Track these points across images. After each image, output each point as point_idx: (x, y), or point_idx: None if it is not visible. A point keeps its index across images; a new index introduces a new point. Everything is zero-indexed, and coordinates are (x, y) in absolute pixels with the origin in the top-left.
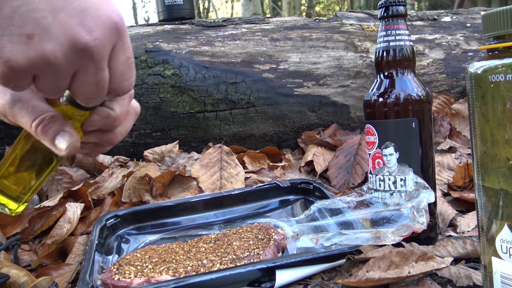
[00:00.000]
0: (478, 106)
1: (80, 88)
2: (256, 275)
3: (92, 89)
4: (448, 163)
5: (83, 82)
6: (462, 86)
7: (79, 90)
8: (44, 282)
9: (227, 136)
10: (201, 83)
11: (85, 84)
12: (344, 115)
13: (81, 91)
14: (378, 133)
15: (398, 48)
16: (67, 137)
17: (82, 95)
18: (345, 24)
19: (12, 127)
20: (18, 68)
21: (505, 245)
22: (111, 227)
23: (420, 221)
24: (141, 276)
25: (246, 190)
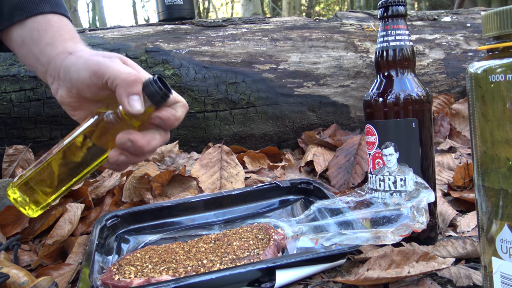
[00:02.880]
0: (478, 106)
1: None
2: (256, 275)
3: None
4: (448, 163)
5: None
6: (462, 86)
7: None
8: (44, 282)
9: (227, 136)
10: (201, 83)
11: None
12: (344, 115)
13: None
14: (378, 133)
15: (398, 48)
16: (137, 103)
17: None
18: (345, 24)
19: (12, 127)
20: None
21: (505, 245)
22: (111, 227)
23: (420, 221)
24: (141, 276)
25: (246, 190)
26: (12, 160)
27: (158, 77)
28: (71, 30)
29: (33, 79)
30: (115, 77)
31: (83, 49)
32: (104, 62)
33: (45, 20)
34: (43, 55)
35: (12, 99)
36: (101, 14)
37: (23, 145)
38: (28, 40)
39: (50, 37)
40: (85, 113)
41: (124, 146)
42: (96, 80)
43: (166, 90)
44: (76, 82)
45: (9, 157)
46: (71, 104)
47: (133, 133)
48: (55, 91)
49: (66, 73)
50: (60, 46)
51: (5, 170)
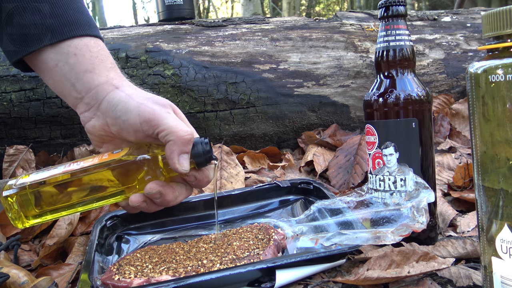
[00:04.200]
0: (478, 106)
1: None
2: (256, 275)
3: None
4: (448, 163)
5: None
6: (462, 86)
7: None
8: (44, 282)
9: (227, 136)
10: (201, 83)
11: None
12: (344, 115)
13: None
14: (378, 133)
15: (398, 48)
16: (186, 163)
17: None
18: (345, 24)
19: (12, 127)
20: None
21: (505, 245)
22: (111, 227)
23: (420, 221)
24: (141, 276)
25: (246, 190)
26: (12, 160)
27: (208, 141)
28: (110, 57)
29: (33, 79)
30: (171, 133)
31: (130, 86)
32: (159, 112)
33: (82, 44)
34: (80, 82)
35: (12, 99)
36: (101, 14)
37: (23, 145)
38: (63, 65)
39: (90, 63)
40: (113, 148)
41: (151, 196)
42: (147, 129)
43: (211, 155)
44: (121, 123)
45: (10, 157)
46: (102, 137)
47: (165, 186)
48: (86, 119)
49: (110, 109)
50: (103, 74)
51: (5, 170)
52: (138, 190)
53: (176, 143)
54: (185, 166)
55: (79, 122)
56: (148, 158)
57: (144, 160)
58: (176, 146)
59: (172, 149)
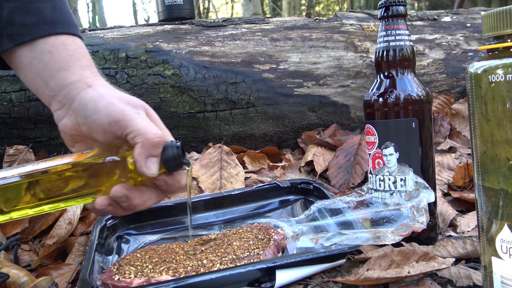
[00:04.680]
0: (478, 106)
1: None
2: (256, 275)
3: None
4: (448, 163)
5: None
6: (462, 86)
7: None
8: (44, 282)
9: (227, 136)
10: (201, 83)
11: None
12: (344, 115)
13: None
14: (378, 133)
15: (398, 48)
16: (155, 167)
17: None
18: (345, 24)
19: (12, 127)
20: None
21: (505, 245)
22: (111, 227)
23: (420, 221)
24: (141, 276)
25: (246, 190)
26: (12, 160)
27: (180, 145)
28: (87, 55)
29: None
30: (139, 134)
31: (104, 85)
32: (129, 113)
33: (58, 42)
34: (54, 80)
35: (12, 99)
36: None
37: (23, 145)
38: (37, 63)
39: (65, 61)
40: (85, 148)
41: (117, 200)
42: (116, 130)
43: (183, 160)
44: (91, 123)
45: (10, 157)
46: (74, 136)
47: (132, 190)
48: (59, 118)
49: (81, 108)
50: (77, 73)
51: None
52: (105, 192)
53: (143, 145)
54: (152, 170)
55: None
56: (117, 160)
57: (113, 162)
58: (144, 148)
59: (139, 152)
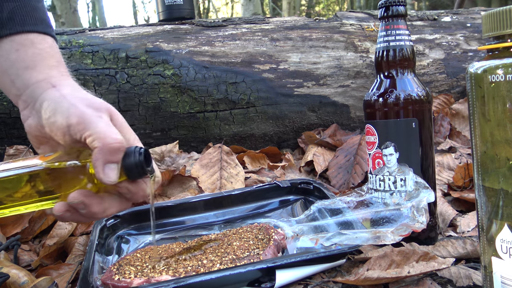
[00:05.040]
0: (478, 106)
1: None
2: (256, 275)
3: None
4: (448, 163)
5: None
6: (462, 86)
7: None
8: (44, 282)
9: (227, 136)
10: (201, 83)
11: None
12: (344, 115)
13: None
14: (378, 133)
15: (398, 48)
16: (113, 174)
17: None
18: (345, 24)
19: (12, 127)
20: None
21: (505, 245)
22: (111, 227)
23: (420, 221)
24: (141, 276)
25: (246, 190)
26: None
27: (143, 151)
28: (57, 54)
29: None
30: (97, 139)
31: (69, 85)
32: (89, 116)
33: (27, 40)
34: (19, 78)
35: None
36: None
37: (23, 145)
38: (3, 61)
39: (31, 60)
40: (50, 150)
41: (75, 206)
42: (74, 133)
43: (146, 169)
44: (50, 125)
45: (10, 157)
46: (38, 137)
47: (90, 197)
48: (24, 118)
49: (42, 109)
50: (42, 72)
51: None
52: (63, 198)
53: (102, 150)
54: (110, 177)
55: None
56: (78, 164)
57: (73, 166)
58: (102, 154)
59: (97, 157)
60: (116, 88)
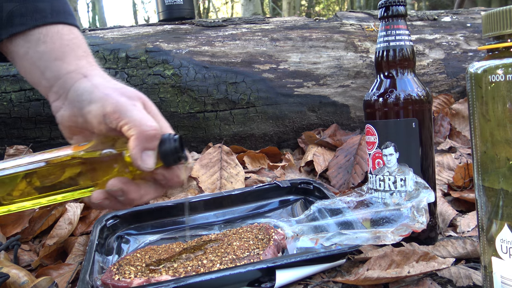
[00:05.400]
0: (478, 106)
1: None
2: (256, 275)
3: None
4: (448, 163)
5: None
6: (462, 86)
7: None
8: (44, 282)
9: (227, 136)
10: (201, 83)
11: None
12: (344, 115)
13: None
14: (378, 133)
15: (398, 48)
16: (151, 161)
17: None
18: (345, 24)
19: (12, 127)
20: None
21: (505, 245)
22: (111, 227)
23: (420, 221)
24: (141, 276)
25: (246, 190)
26: None
27: (178, 138)
28: (83, 45)
29: None
30: (134, 126)
31: (100, 75)
32: (124, 104)
33: (54, 31)
34: (49, 70)
35: (12, 99)
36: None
37: (23, 145)
38: (33, 53)
39: (60, 51)
40: (83, 140)
41: (114, 193)
42: (110, 122)
43: (181, 154)
44: (86, 114)
45: (10, 157)
46: (71, 128)
47: (128, 184)
48: (56, 109)
49: (76, 99)
50: (72, 63)
51: None
52: (102, 186)
53: (138, 138)
54: (148, 164)
55: None
56: (114, 152)
57: (109, 155)
58: (139, 141)
59: (134, 145)
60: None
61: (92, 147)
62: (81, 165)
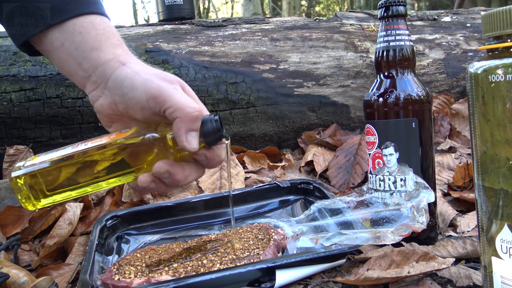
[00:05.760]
0: (478, 106)
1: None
2: (256, 275)
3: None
4: (448, 163)
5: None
6: (462, 86)
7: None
8: (44, 282)
9: None
10: (201, 83)
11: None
12: (344, 115)
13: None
14: (378, 133)
15: (398, 48)
16: (195, 141)
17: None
18: (345, 24)
19: (12, 127)
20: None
21: (505, 245)
22: (111, 227)
23: (420, 221)
24: (141, 276)
25: (246, 191)
26: (13, 160)
27: (218, 118)
28: (116, 34)
29: (33, 79)
30: (177, 109)
31: (137, 62)
32: (166, 88)
33: (87, 22)
34: (86, 60)
35: (12, 99)
36: None
37: (23, 145)
38: (69, 44)
39: (96, 40)
40: (122, 127)
41: (160, 176)
42: (154, 106)
43: (222, 134)
44: (129, 100)
45: (10, 157)
46: (110, 116)
47: (174, 166)
48: (94, 98)
49: (117, 86)
50: (109, 52)
51: (5, 170)
52: (147, 170)
53: (183, 120)
54: (193, 144)
55: (79, 122)
56: (157, 136)
57: (153, 139)
58: (183, 123)
59: (179, 127)
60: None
61: (135, 133)
62: (124, 151)
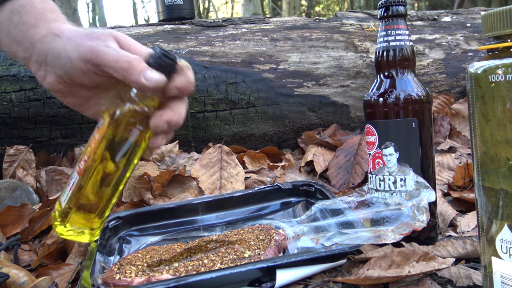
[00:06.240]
0: (478, 106)
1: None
2: (256, 275)
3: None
4: (448, 163)
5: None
6: (462, 86)
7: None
8: (44, 282)
9: (227, 136)
10: (201, 83)
11: None
12: (344, 115)
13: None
14: (378, 133)
15: (398, 48)
16: (154, 74)
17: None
18: (345, 24)
19: (12, 127)
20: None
21: (505, 245)
22: (113, 228)
23: (420, 219)
24: (142, 275)
25: (248, 192)
26: (13, 160)
27: (158, 47)
28: (57, 10)
29: (33, 79)
30: (117, 69)
31: (69, 28)
32: (98, 48)
33: (26, 2)
34: (25, 39)
35: (12, 99)
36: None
37: (23, 145)
38: (7, 24)
39: (33, 19)
40: (78, 99)
41: (162, 130)
42: (92, 68)
43: (171, 57)
44: (69, 70)
45: (10, 157)
46: (62, 90)
47: (164, 113)
48: (41, 78)
49: (55, 59)
50: (44, 27)
51: (5, 170)
52: (150, 133)
53: (128, 72)
54: (154, 78)
55: (79, 122)
56: (126, 106)
57: (128, 110)
58: (131, 76)
59: (130, 80)
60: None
61: (110, 118)
62: (118, 137)
